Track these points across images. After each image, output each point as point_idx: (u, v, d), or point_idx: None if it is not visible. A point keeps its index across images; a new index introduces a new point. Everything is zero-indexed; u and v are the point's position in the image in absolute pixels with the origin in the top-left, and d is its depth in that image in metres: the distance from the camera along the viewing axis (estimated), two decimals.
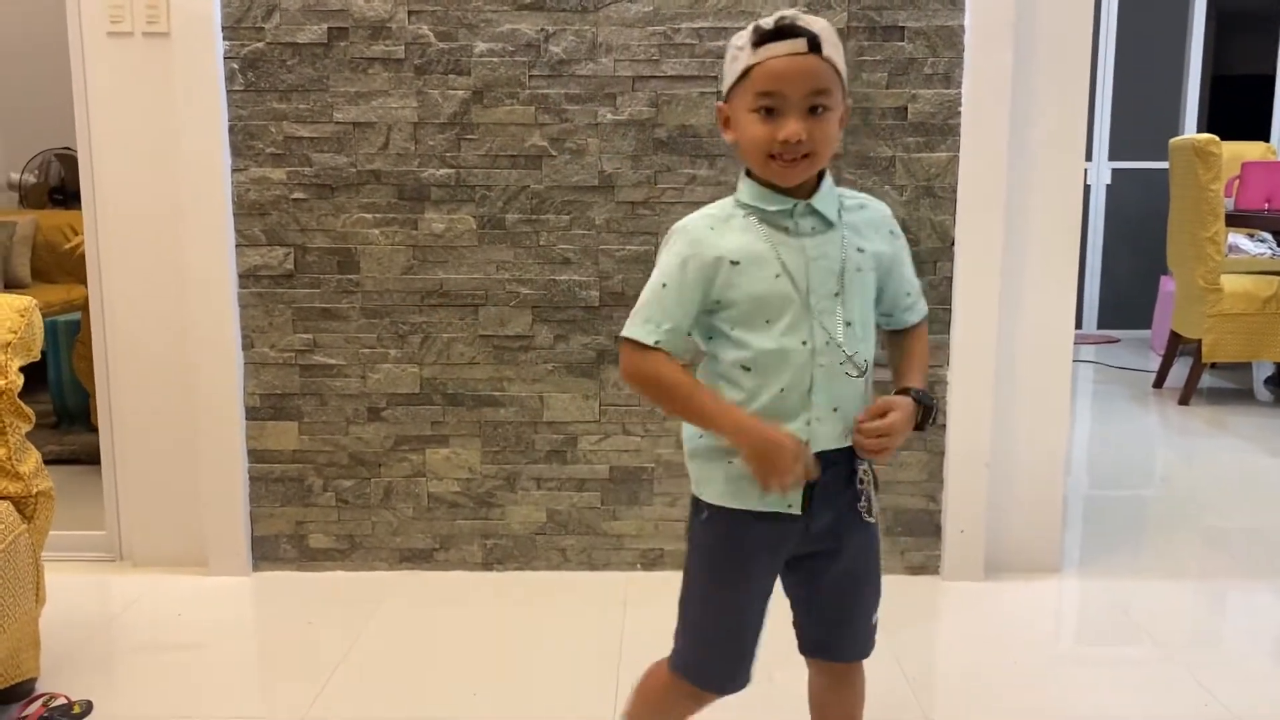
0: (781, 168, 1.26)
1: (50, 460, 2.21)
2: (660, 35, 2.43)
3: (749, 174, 1.32)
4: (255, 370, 2.56)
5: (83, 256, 2.63)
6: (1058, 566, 2.63)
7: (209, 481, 2.57)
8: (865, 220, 1.35)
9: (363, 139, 2.49)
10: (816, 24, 1.26)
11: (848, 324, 1.30)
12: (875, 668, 2.14)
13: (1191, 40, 6.25)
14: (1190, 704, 2.01)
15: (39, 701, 1.95)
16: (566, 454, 2.58)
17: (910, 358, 1.43)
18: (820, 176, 1.32)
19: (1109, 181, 6.32)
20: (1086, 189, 6.20)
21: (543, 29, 2.44)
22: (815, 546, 1.37)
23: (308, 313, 2.55)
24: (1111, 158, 6.31)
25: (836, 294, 1.29)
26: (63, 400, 3.85)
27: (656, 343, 1.30)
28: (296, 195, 2.51)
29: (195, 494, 2.60)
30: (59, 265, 5.17)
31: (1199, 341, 4.42)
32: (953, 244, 2.49)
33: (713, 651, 1.41)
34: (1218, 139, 4.26)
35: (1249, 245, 5.40)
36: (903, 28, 2.43)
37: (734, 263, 1.28)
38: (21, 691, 1.97)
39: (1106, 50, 6.19)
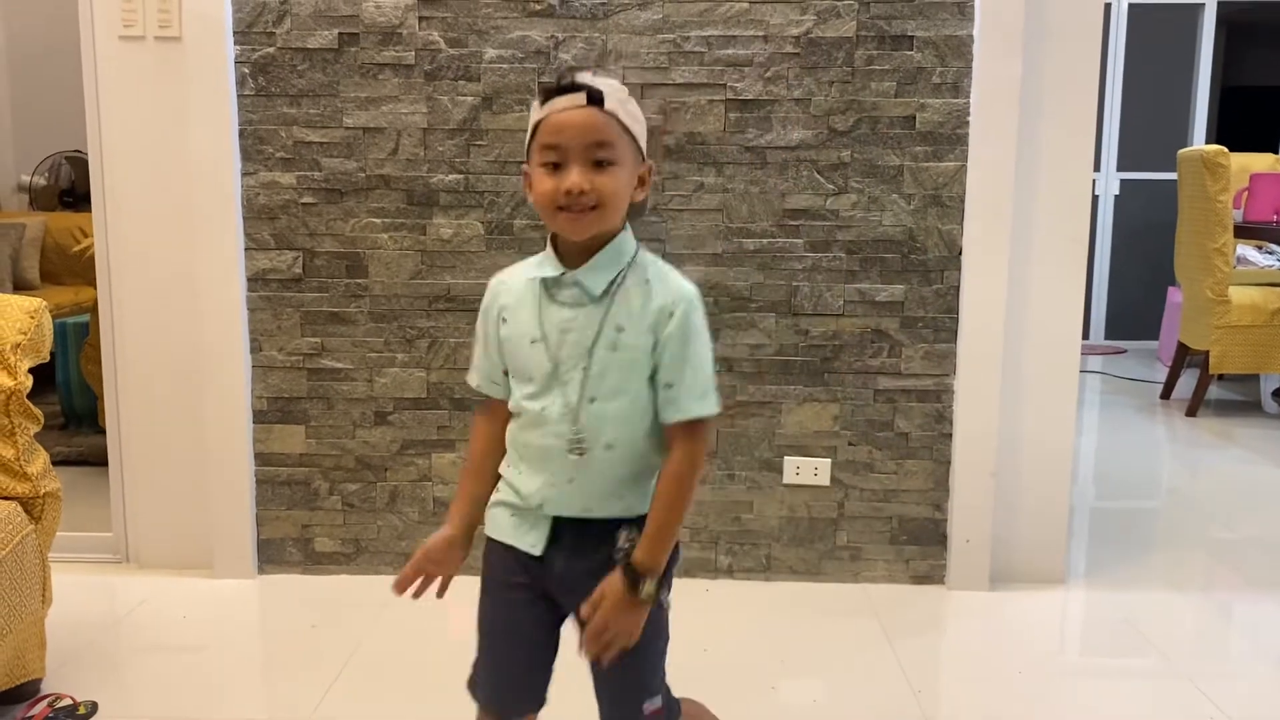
0: (568, 220, 1.26)
1: (58, 461, 2.22)
2: (670, 43, 2.44)
3: (551, 237, 1.33)
4: (263, 373, 2.57)
5: (92, 259, 2.64)
6: (1063, 577, 2.63)
7: (215, 484, 2.58)
8: (638, 301, 1.29)
9: (372, 144, 2.50)
10: (604, 83, 1.28)
11: (591, 400, 1.29)
12: (881, 677, 2.15)
13: (1201, 51, 6.24)
14: (1195, 716, 2.00)
15: (44, 702, 1.96)
16: None
17: (653, 504, 1.31)
18: (604, 243, 1.30)
19: (1117, 192, 6.32)
20: (1094, 199, 6.20)
21: (553, 36, 2.44)
22: (574, 600, 1.32)
23: (316, 316, 2.56)
24: (1120, 168, 6.30)
25: (585, 369, 1.28)
26: (71, 402, 3.86)
27: (478, 385, 1.42)
28: (306, 199, 2.52)
29: (202, 496, 2.61)
30: (68, 267, 5.19)
31: (1206, 353, 4.41)
32: (960, 253, 2.49)
33: (482, 666, 1.43)
34: (1226, 150, 4.26)
35: (1257, 257, 5.38)
36: (912, 37, 2.44)
37: (503, 319, 1.35)
38: (27, 692, 1.98)
39: (1116, 61, 6.19)
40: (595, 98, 1.26)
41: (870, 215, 2.49)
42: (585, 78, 1.28)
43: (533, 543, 1.35)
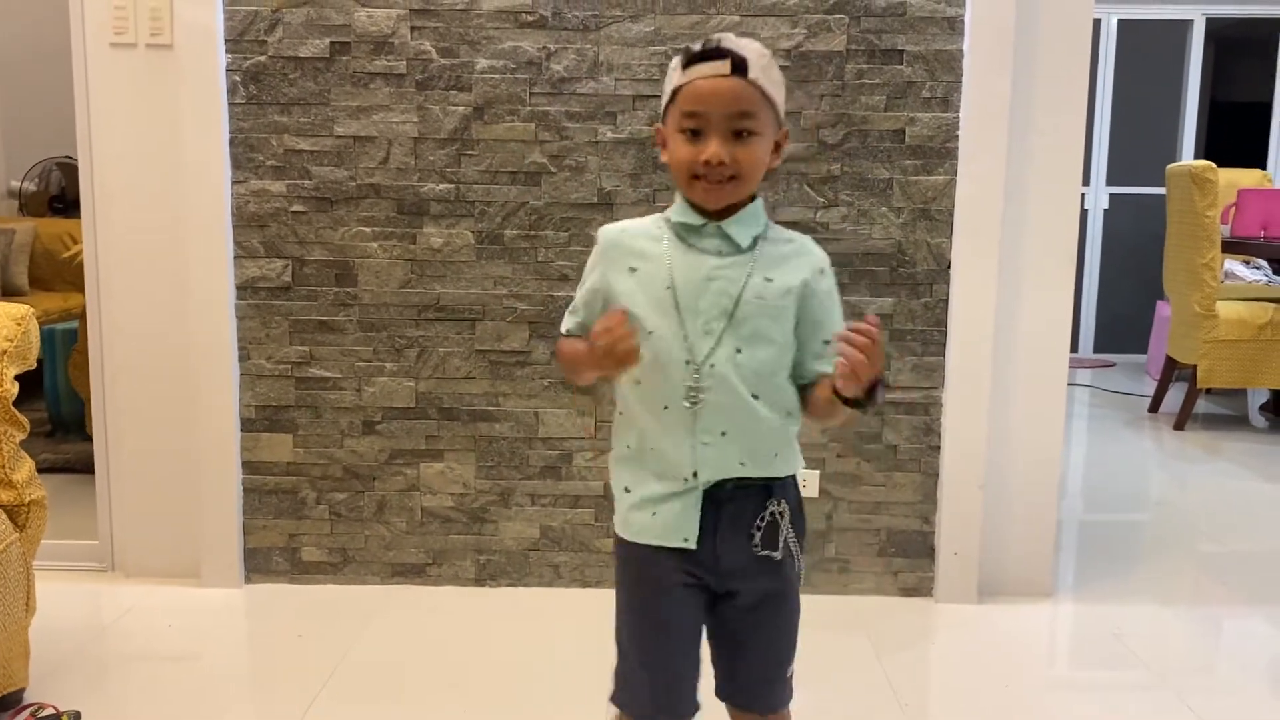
0: (705, 189, 1.26)
1: (44, 469, 2.21)
2: (661, 55, 2.44)
3: (681, 194, 1.32)
4: (251, 382, 2.56)
5: (81, 265, 2.63)
6: (1051, 590, 2.63)
7: (202, 492, 2.57)
8: (785, 255, 1.31)
9: (363, 153, 2.50)
10: (747, 48, 1.25)
11: (738, 350, 1.26)
12: (868, 690, 2.14)
13: (1189, 67, 6.29)
14: None
15: (27, 711, 1.94)
16: (561, 470, 2.58)
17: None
18: (743, 204, 1.30)
19: (1106, 206, 6.35)
20: (1084, 213, 6.22)
21: (544, 47, 2.45)
22: (728, 586, 1.33)
23: (305, 325, 2.55)
24: (1109, 183, 6.33)
25: (727, 318, 1.26)
26: (58, 408, 3.84)
27: (567, 331, 1.38)
28: (296, 208, 2.51)
29: (188, 505, 2.60)
30: (57, 273, 5.17)
31: (1194, 367, 4.43)
32: (949, 266, 2.50)
33: (639, 680, 1.37)
34: (1214, 166, 4.28)
35: (1245, 272, 5.41)
36: (902, 51, 2.45)
37: (632, 269, 1.31)
38: (10, 701, 1.96)
39: (1105, 76, 6.23)
40: (740, 66, 1.23)
41: (860, 228, 2.50)
42: (730, 43, 1.25)
43: (686, 535, 1.30)
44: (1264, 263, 5.44)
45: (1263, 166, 6.26)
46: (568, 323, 1.39)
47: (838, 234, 2.50)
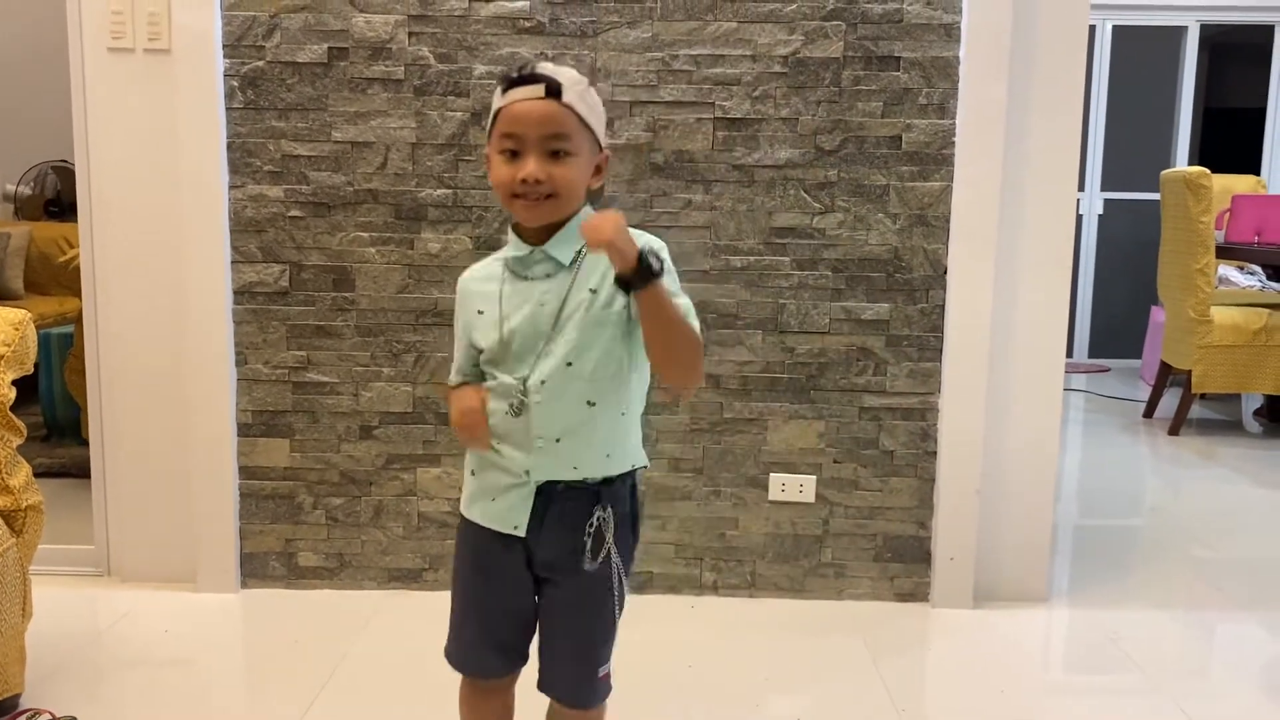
0: (524, 207, 1.33)
1: (40, 473, 2.20)
2: (659, 61, 2.45)
3: (513, 225, 1.40)
4: (248, 387, 2.56)
5: (78, 269, 2.63)
6: (1046, 595, 2.64)
7: (199, 497, 2.57)
8: (607, 261, 1.31)
9: (360, 158, 2.50)
10: (562, 73, 1.33)
11: (568, 364, 1.35)
12: (865, 695, 2.15)
13: (1183, 73, 6.31)
14: None
15: (24, 717, 1.94)
16: None
17: None
18: (564, 221, 1.37)
19: (1101, 211, 6.37)
20: (1079, 219, 6.24)
21: (542, 53, 2.45)
22: (549, 575, 1.43)
23: (302, 330, 2.55)
24: (1104, 188, 6.35)
25: (547, 336, 1.35)
26: (54, 413, 3.84)
27: (454, 385, 1.47)
28: (293, 213, 2.52)
29: (185, 510, 2.59)
30: (53, 277, 5.16)
31: (1189, 372, 4.44)
32: (945, 272, 2.51)
33: (464, 639, 1.49)
34: (1208, 172, 4.30)
35: (1239, 277, 5.43)
36: (898, 58, 2.46)
37: (480, 312, 1.41)
38: (6, 707, 1.96)
39: (1100, 81, 6.25)
40: (554, 90, 1.31)
41: (856, 234, 2.51)
42: (545, 69, 1.33)
43: (516, 523, 1.40)
44: (1258, 268, 5.46)
45: (1256, 172, 6.28)
46: (454, 378, 1.49)
47: (834, 239, 2.51)
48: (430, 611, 2.52)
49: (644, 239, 1.33)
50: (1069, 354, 6.11)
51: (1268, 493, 3.70)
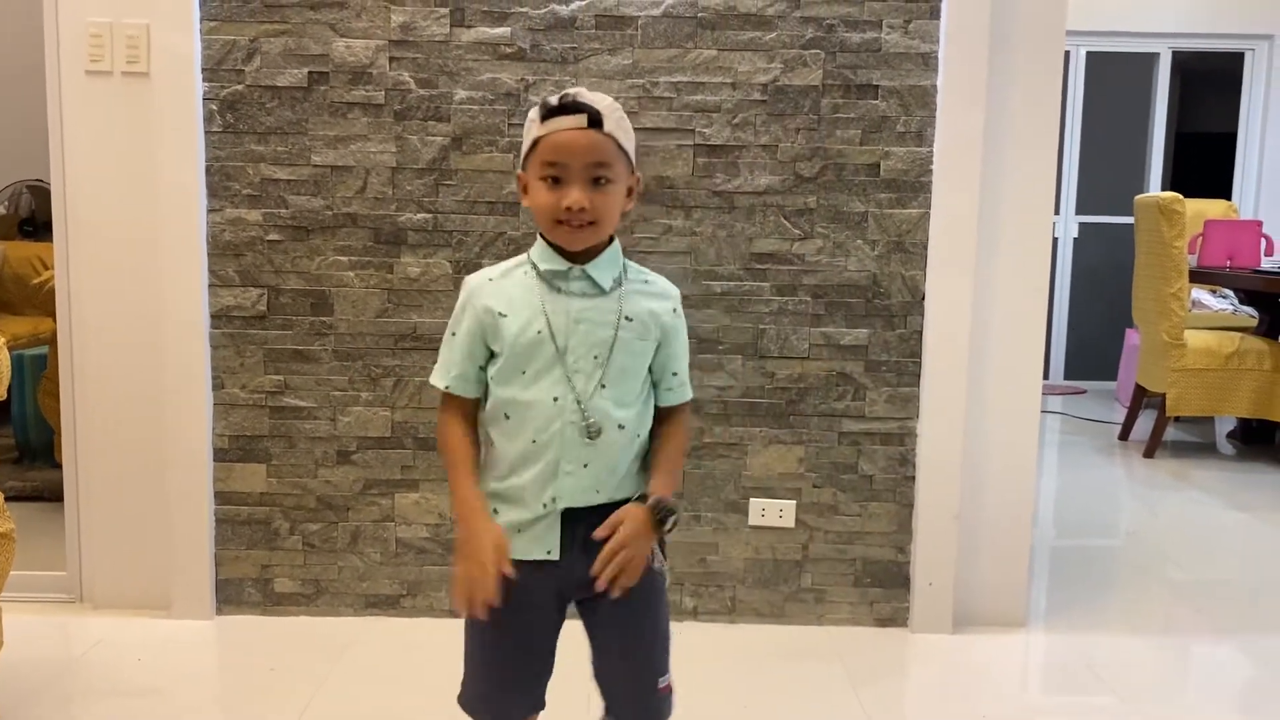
0: (567, 233, 1.36)
1: (11, 496, 2.18)
2: (639, 88, 2.46)
3: (542, 235, 1.42)
4: (225, 411, 2.54)
5: (52, 291, 2.61)
6: (1024, 619, 2.65)
7: (174, 523, 2.54)
8: (644, 295, 1.43)
9: (340, 182, 2.49)
10: (601, 102, 1.36)
11: (602, 387, 1.37)
12: None
13: (1156, 99, 6.40)
14: None
15: None
16: None
17: (660, 451, 1.45)
18: (605, 246, 1.41)
19: (1076, 235, 6.43)
20: (1054, 242, 6.30)
21: (523, 79, 2.46)
22: (584, 593, 1.41)
23: (279, 354, 2.54)
24: (1079, 212, 6.42)
25: (597, 357, 1.37)
26: (26, 435, 3.79)
27: (447, 387, 1.43)
28: (272, 237, 2.51)
29: (159, 535, 2.57)
30: (26, 298, 5.09)
31: (1164, 395, 4.48)
32: (923, 298, 2.52)
33: (483, 684, 1.47)
34: (1181, 198, 4.35)
35: (1212, 301, 5.50)
36: (877, 86, 2.48)
37: (501, 314, 1.38)
38: None
39: (1074, 106, 6.33)
40: (595, 120, 1.33)
41: (835, 260, 2.52)
42: (585, 97, 1.35)
43: (549, 547, 1.40)
44: (1230, 292, 5.53)
45: (1228, 197, 6.37)
46: (443, 378, 1.44)
47: (813, 266, 2.52)
48: (408, 639, 2.51)
49: (674, 290, 1.47)
50: (1045, 375, 6.16)
51: (1242, 515, 3.73)
